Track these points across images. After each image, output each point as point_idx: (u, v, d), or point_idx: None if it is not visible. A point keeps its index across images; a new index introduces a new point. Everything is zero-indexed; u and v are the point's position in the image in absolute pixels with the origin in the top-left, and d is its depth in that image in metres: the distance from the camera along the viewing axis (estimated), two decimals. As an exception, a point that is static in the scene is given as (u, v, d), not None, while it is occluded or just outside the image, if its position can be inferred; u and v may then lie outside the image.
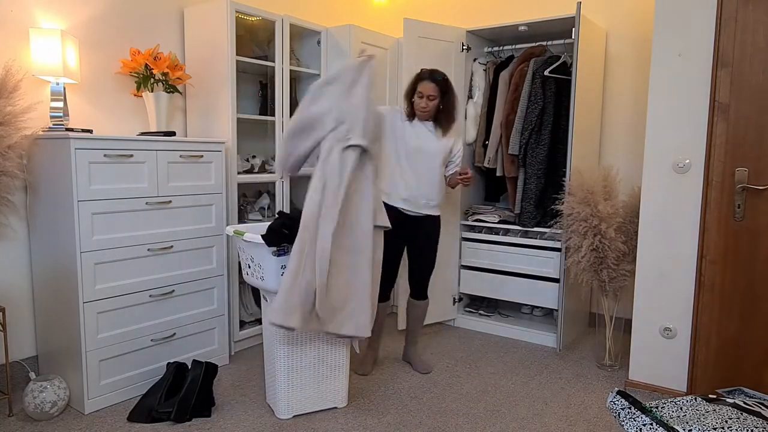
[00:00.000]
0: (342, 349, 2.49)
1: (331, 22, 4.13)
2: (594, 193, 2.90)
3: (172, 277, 2.69)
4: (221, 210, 2.89)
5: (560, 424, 2.41)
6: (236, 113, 3.04)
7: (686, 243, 2.58)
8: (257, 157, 3.30)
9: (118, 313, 2.50)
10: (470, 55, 3.65)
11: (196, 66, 3.10)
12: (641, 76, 3.46)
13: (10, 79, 2.33)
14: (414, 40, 3.33)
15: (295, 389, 2.41)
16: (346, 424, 2.39)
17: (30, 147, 2.50)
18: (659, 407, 1.55)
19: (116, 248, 2.47)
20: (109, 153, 2.41)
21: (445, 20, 4.17)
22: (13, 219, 2.57)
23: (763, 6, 2.34)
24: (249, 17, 3.13)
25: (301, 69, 3.38)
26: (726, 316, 2.51)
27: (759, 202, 2.40)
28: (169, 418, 2.38)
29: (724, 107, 2.45)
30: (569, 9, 3.66)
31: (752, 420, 1.44)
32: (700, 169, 2.53)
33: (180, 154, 2.68)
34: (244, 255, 2.39)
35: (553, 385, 2.81)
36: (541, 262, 3.36)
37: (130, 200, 2.50)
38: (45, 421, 2.37)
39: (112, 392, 2.51)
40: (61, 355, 2.52)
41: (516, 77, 3.43)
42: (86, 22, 2.78)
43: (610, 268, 2.93)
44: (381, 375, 2.91)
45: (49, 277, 2.51)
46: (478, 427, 2.38)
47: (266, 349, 2.49)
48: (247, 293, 3.37)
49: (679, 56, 2.54)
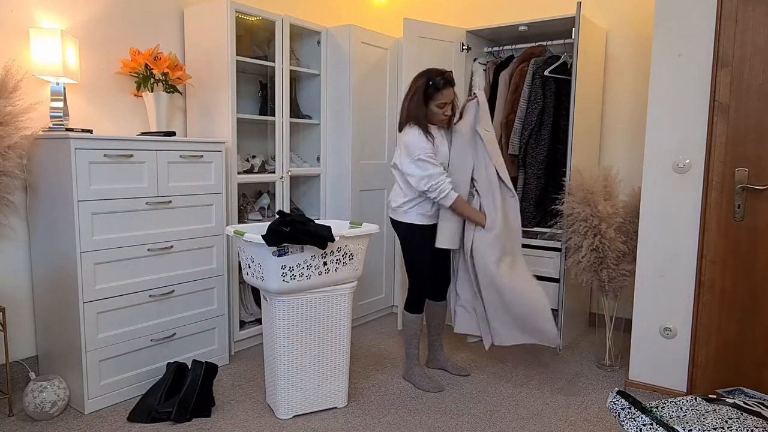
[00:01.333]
0: (342, 349, 2.49)
1: (331, 22, 4.13)
2: (594, 193, 2.90)
3: (172, 277, 2.69)
4: (221, 210, 2.89)
5: (560, 424, 2.41)
6: (236, 113, 3.04)
7: (686, 243, 2.58)
8: (257, 157, 3.30)
9: (118, 313, 2.50)
10: (470, 55, 3.65)
11: (196, 66, 3.10)
12: (641, 76, 3.46)
13: (10, 79, 2.33)
14: (414, 40, 3.33)
15: (295, 389, 2.41)
16: (346, 424, 2.39)
17: (30, 147, 2.50)
18: (659, 407, 1.55)
19: (116, 248, 2.47)
20: (109, 153, 2.41)
21: (445, 20, 4.17)
22: (13, 219, 2.57)
23: (763, 6, 2.34)
24: (249, 17, 3.13)
25: (301, 69, 3.38)
26: (726, 316, 2.51)
27: (759, 202, 2.40)
28: (169, 418, 2.38)
29: (724, 107, 2.45)
30: (569, 9, 3.66)
31: (752, 420, 1.44)
32: (700, 169, 2.53)
33: (180, 154, 2.68)
34: (244, 255, 2.39)
35: (553, 385, 2.81)
36: (541, 262, 3.36)
37: (130, 200, 2.50)
38: (45, 421, 2.37)
39: (112, 392, 2.51)
40: (61, 355, 2.52)
41: (516, 77, 3.43)
42: (86, 22, 2.78)
43: (610, 268, 2.93)
44: (381, 375, 2.91)
45: (49, 277, 2.51)
46: (478, 427, 2.38)
47: (266, 349, 2.49)
48: (247, 293, 3.37)
49: (679, 56, 2.54)
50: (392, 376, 2.90)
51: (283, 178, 3.28)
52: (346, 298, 2.47)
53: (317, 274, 2.34)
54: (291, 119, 3.34)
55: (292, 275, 2.27)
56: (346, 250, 2.40)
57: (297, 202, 3.74)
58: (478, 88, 3.65)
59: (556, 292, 3.31)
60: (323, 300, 2.41)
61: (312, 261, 2.31)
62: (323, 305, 2.41)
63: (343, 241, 2.37)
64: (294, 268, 2.27)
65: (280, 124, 3.24)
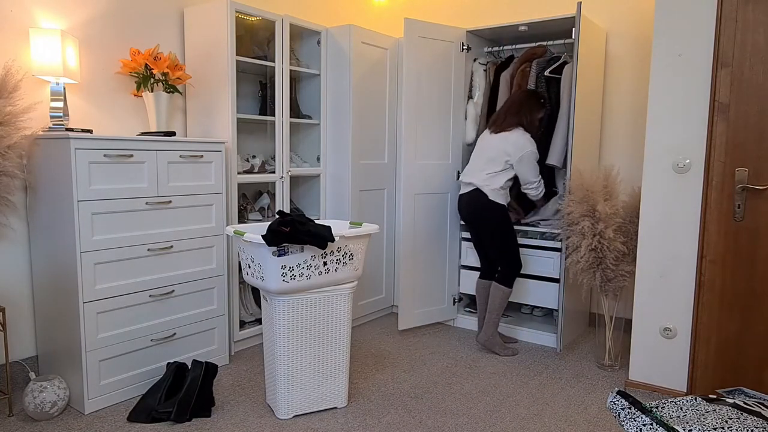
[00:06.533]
0: (342, 349, 2.49)
1: (331, 22, 4.13)
2: (593, 192, 2.90)
3: (172, 277, 2.69)
4: (221, 210, 2.89)
5: (560, 424, 2.41)
6: (236, 113, 3.04)
7: (686, 243, 2.58)
8: (257, 157, 3.30)
9: (118, 313, 2.50)
10: (470, 55, 3.65)
11: (196, 66, 3.10)
12: (641, 76, 3.46)
13: (10, 79, 2.33)
14: (414, 40, 3.33)
15: (295, 389, 2.41)
16: (346, 424, 2.39)
17: (30, 147, 2.50)
18: (659, 407, 1.55)
19: (116, 248, 2.47)
20: (109, 153, 2.41)
21: (445, 20, 4.17)
22: (13, 219, 2.57)
23: (763, 6, 2.34)
24: (249, 17, 3.13)
25: (301, 69, 3.38)
26: (726, 316, 2.51)
27: (759, 202, 2.40)
28: (169, 418, 2.38)
29: (724, 107, 2.45)
30: (569, 9, 3.67)
31: (752, 420, 1.44)
32: (700, 169, 2.53)
33: (180, 154, 2.68)
34: (244, 255, 2.39)
35: (553, 385, 2.81)
36: (541, 262, 3.36)
37: (130, 200, 2.50)
38: (45, 421, 2.37)
39: (112, 392, 2.51)
40: (61, 355, 2.52)
41: (518, 77, 3.43)
42: (86, 22, 2.78)
43: (608, 268, 2.93)
44: (381, 375, 2.91)
45: (49, 277, 2.51)
46: (478, 427, 2.38)
47: (266, 349, 2.49)
48: (247, 293, 3.37)
49: (679, 56, 2.54)
50: (392, 376, 2.90)
51: (283, 178, 3.28)
52: (346, 298, 2.47)
53: (317, 274, 2.34)
54: (291, 119, 3.34)
55: (292, 275, 2.27)
56: (346, 250, 2.40)
57: (297, 202, 3.74)
58: (478, 88, 3.65)
59: (556, 292, 3.31)
60: (323, 300, 2.41)
61: (312, 261, 2.31)
62: (323, 305, 2.42)
63: (343, 241, 2.37)
64: (294, 268, 2.27)
65: (280, 124, 3.24)
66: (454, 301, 3.71)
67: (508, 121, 3.10)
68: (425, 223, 3.49)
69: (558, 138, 3.24)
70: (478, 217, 3.14)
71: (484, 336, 3.22)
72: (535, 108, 3.13)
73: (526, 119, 3.10)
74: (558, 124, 3.26)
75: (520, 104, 3.12)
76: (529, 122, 3.10)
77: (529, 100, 3.13)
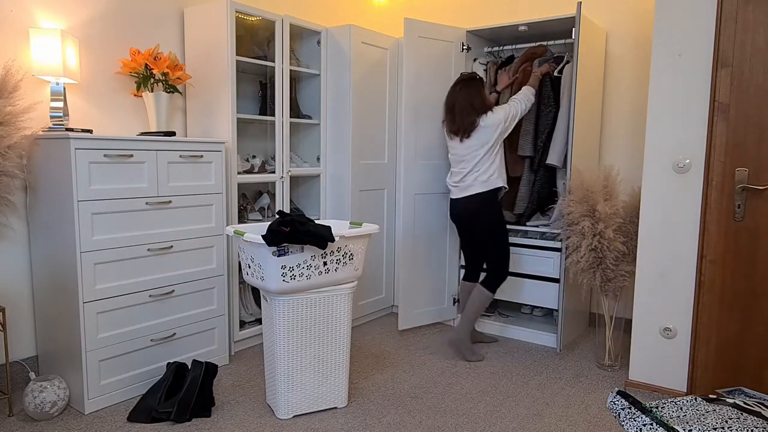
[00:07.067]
0: (342, 348, 2.49)
1: (331, 22, 4.13)
2: (593, 192, 2.90)
3: (172, 277, 2.69)
4: (221, 210, 2.89)
5: (560, 424, 2.41)
6: (236, 113, 3.04)
7: (686, 243, 2.58)
8: (257, 157, 3.30)
9: (118, 313, 2.50)
10: (470, 55, 3.65)
11: (196, 66, 3.10)
12: (641, 76, 3.46)
13: (10, 79, 2.33)
14: (414, 39, 3.33)
15: (295, 389, 2.41)
16: (346, 424, 2.39)
17: (30, 147, 2.50)
18: (659, 407, 1.55)
19: (116, 248, 2.47)
20: (109, 153, 2.41)
21: (445, 20, 4.18)
22: (13, 219, 2.57)
23: (763, 6, 2.34)
24: (249, 17, 3.13)
25: (301, 69, 3.38)
26: (726, 316, 2.51)
27: (759, 202, 2.40)
28: (169, 418, 2.38)
29: (724, 107, 2.45)
30: (569, 9, 3.67)
31: (752, 420, 1.44)
32: (700, 169, 2.53)
33: (180, 154, 2.68)
34: (244, 255, 2.39)
35: (553, 385, 2.81)
36: (541, 262, 3.36)
37: (130, 200, 2.50)
38: (45, 421, 2.37)
39: (112, 392, 2.51)
40: (61, 355, 2.52)
41: (520, 77, 3.43)
42: (86, 22, 2.78)
43: (608, 268, 2.93)
44: (381, 375, 2.91)
45: (49, 277, 2.51)
46: (478, 427, 2.38)
47: (266, 349, 2.49)
48: (247, 293, 3.37)
49: (679, 56, 2.54)
50: (392, 376, 2.90)
51: (283, 178, 3.28)
52: (346, 298, 2.47)
53: (317, 274, 2.34)
54: (291, 119, 3.34)
55: (292, 275, 2.27)
56: (346, 250, 2.40)
57: (297, 202, 3.74)
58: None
59: (556, 292, 3.31)
60: (323, 300, 2.41)
61: (312, 261, 2.31)
62: (323, 305, 2.42)
63: (343, 241, 2.37)
64: (294, 268, 2.27)
65: (280, 124, 3.24)
66: (454, 301, 3.71)
67: (468, 121, 3.00)
68: (425, 223, 3.49)
69: (558, 138, 3.24)
70: (473, 213, 3.10)
71: (456, 335, 3.12)
72: (478, 92, 3.02)
73: (479, 107, 3.00)
74: (558, 123, 3.26)
75: (465, 100, 3.01)
76: (482, 107, 3.00)
77: (468, 90, 3.02)
